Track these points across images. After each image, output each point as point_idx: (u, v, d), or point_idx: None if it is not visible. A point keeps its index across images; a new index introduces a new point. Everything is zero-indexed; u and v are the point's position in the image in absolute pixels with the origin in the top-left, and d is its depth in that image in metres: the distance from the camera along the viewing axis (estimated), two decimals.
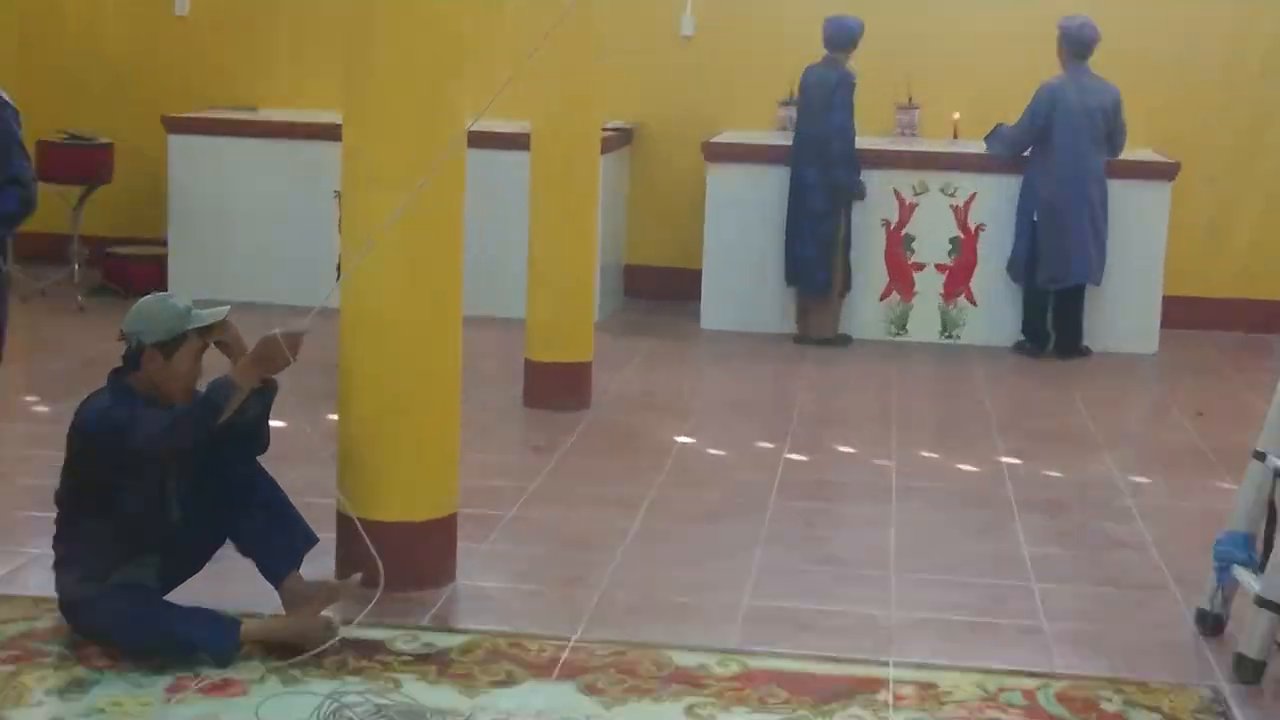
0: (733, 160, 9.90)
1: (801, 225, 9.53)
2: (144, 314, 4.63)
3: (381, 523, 5.09)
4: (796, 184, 9.57)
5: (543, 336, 7.74)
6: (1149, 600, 5.48)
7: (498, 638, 4.87)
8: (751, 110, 10.64)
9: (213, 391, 4.49)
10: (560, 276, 7.67)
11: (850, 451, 7.28)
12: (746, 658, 4.79)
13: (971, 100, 10.35)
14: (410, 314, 5.09)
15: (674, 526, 6.06)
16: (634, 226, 10.78)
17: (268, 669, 4.54)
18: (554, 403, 7.68)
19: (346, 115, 5.15)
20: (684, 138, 10.51)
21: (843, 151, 9.43)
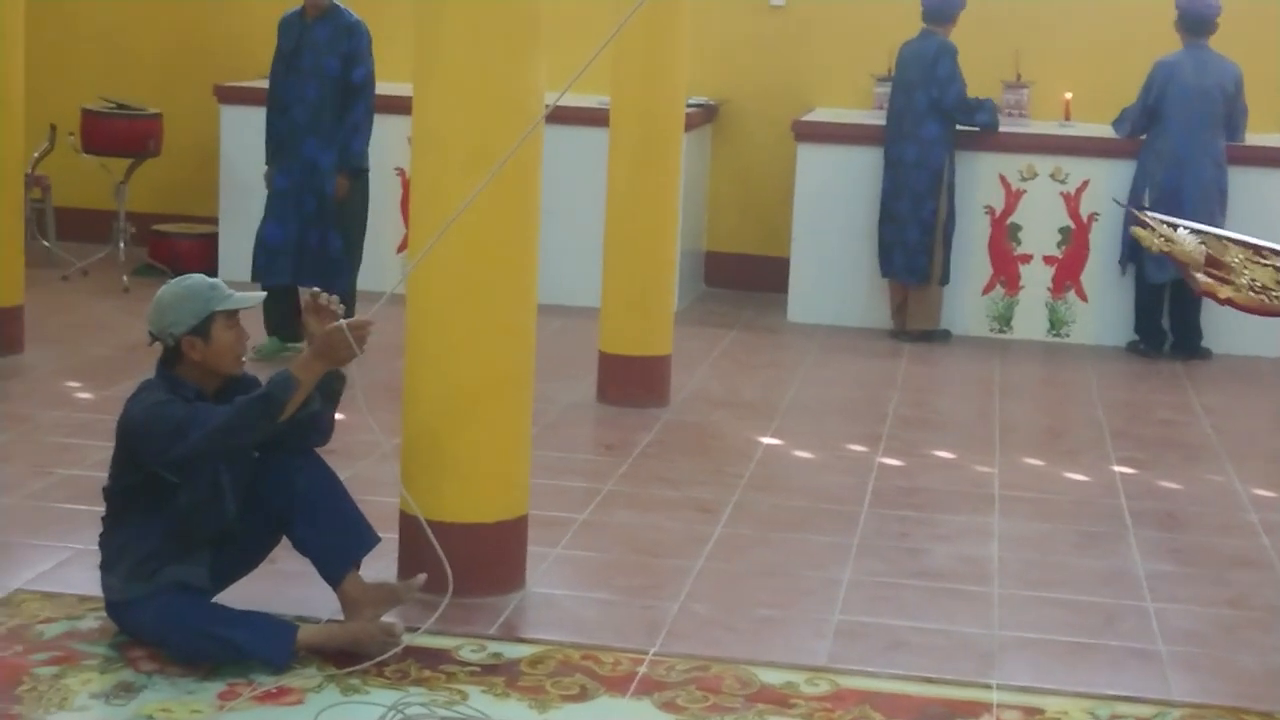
0: (825, 140, 9.91)
1: (899, 208, 9.55)
2: (166, 306, 4.70)
3: (447, 524, 5.14)
4: (892, 163, 9.59)
5: (618, 328, 7.77)
6: (1274, 624, 5.46)
7: (570, 649, 4.91)
8: (846, 87, 10.65)
9: (274, 387, 4.55)
10: (638, 264, 7.71)
11: (949, 457, 7.27)
12: (837, 676, 4.80)
13: (1085, 79, 10.31)
14: (481, 302, 5.13)
15: (758, 534, 6.08)
16: (716, 210, 10.81)
17: (325, 677, 4.60)
18: (629, 399, 7.72)
19: (416, 88, 5.20)
20: (772, 116, 10.54)
21: (963, 111, 9.45)
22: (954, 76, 9.40)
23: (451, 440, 5.17)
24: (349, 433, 6.04)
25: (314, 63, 8.16)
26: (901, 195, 9.55)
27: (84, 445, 6.61)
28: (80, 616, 4.95)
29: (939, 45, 9.43)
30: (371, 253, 10.06)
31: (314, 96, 8.15)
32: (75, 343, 8.51)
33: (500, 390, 5.22)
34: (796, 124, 10.03)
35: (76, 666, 4.61)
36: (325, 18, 8.21)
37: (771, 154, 10.53)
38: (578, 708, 4.53)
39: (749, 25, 10.70)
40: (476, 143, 5.04)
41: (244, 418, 4.54)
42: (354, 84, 8.21)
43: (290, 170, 8.21)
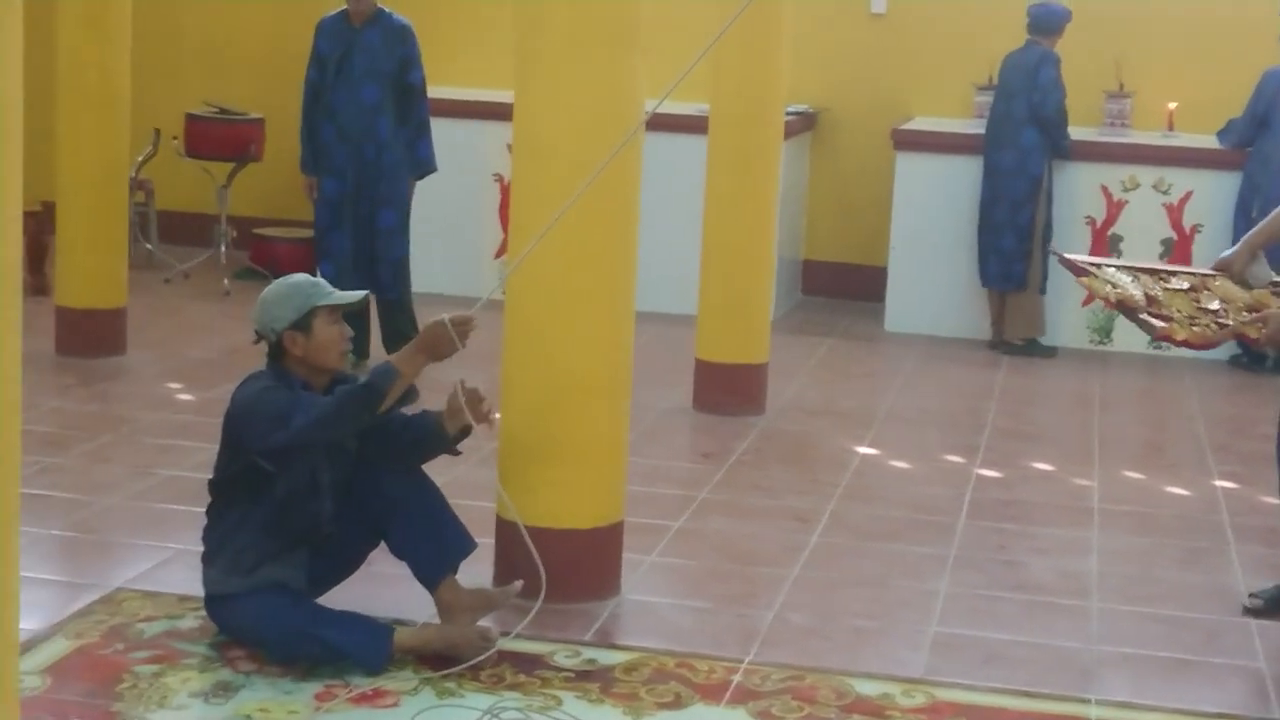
0: (925, 149, 9.88)
1: (996, 215, 9.50)
2: (270, 303, 4.78)
3: (544, 529, 5.16)
4: (991, 171, 9.54)
5: (714, 335, 7.77)
6: None
7: (664, 656, 4.91)
8: (946, 96, 10.60)
9: (376, 376, 4.60)
10: (735, 271, 7.70)
11: (1048, 469, 7.21)
12: (933, 688, 4.78)
13: (1190, 88, 10.20)
14: (580, 308, 5.14)
15: (853, 543, 6.06)
16: (813, 219, 10.79)
17: (420, 680, 4.62)
18: (725, 407, 7.71)
19: (517, 95, 5.22)
20: (871, 124, 10.50)
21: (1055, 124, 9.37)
22: (1056, 85, 9.34)
23: (549, 445, 5.19)
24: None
25: (369, 67, 7.98)
26: (999, 202, 9.50)
27: (185, 446, 6.68)
28: (180, 616, 5.00)
29: (1042, 54, 9.38)
30: (469, 258, 10.18)
31: (372, 101, 7.98)
32: (176, 345, 8.61)
33: (598, 396, 5.23)
34: (896, 132, 9.99)
35: (176, 665, 4.66)
36: (374, 22, 8.04)
37: (870, 162, 10.49)
38: (672, 715, 4.53)
39: (849, 33, 10.67)
40: (577, 150, 5.06)
41: (346, 407, 4.60)
42: (414, 86, 8.11)
43: (343, 176, 8.03)
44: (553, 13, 5.08)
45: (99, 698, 4.44)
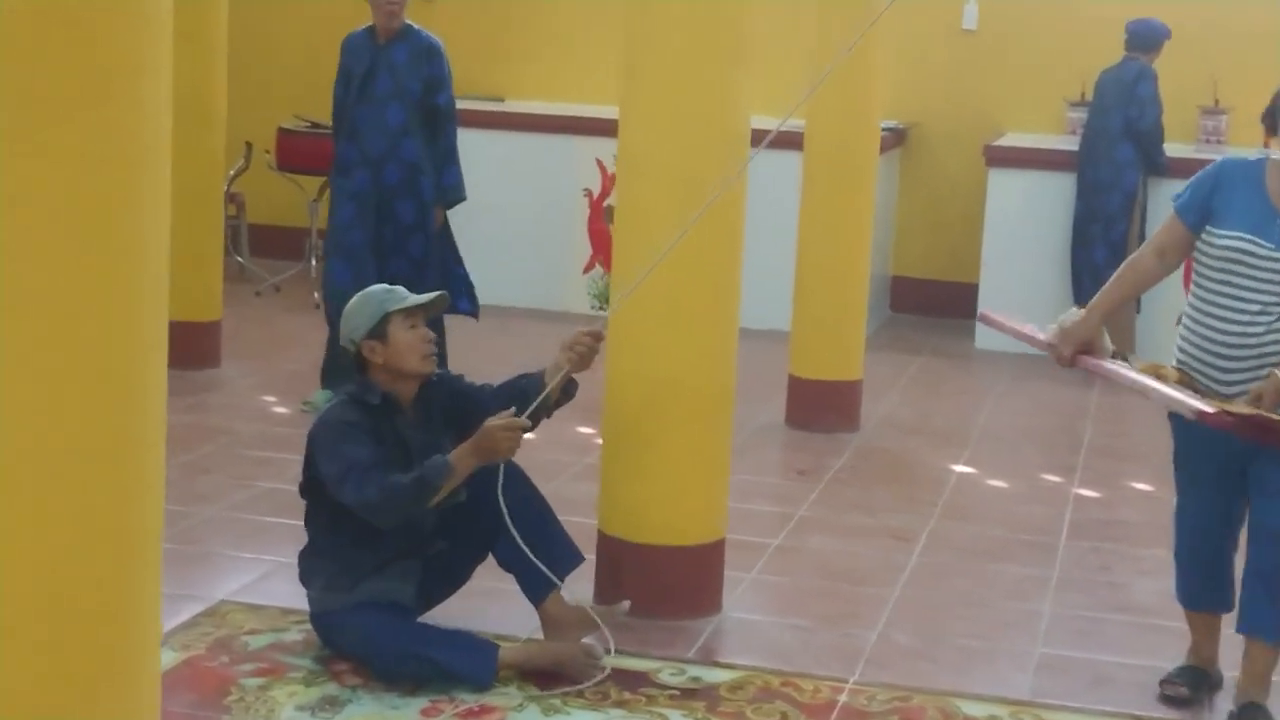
0: (1018, 165, 9.81)
1: (1090, 231, 9.42)
2: (348, 315, 4.80)
3: (647, 545, 5.15)
4: (1086, 186, 9.47)
5: (809, 352, 7.75)
6: None
7: (769, 675, 4.88)
8: (1038, 112, 10.52)
9: (429, 472, 4.56)
10: (830, 288, 7.67)
11: (1147, 489, 7.13)
12: (1041, 710, 4.73)
13: None
14: (685, 322, 5.13)
15: (955, 563, 6.01)
16: (902, 235, 10.74)
17: (526, 697, 4.61)
18: (819, 423, 7.68)
19: (622, 111, 5.22)
20: (962, 140, 10.45)
21: (1152, 139, 9.30)
22: (1154, 100, 9.27)
23: (652, 461, 5.18)
24: (538, 450, 6.07)
25: (394, 87, 7.44)
26: (1094, 218, 9.44)
27: (283, 459, 6.70)
28: (285, 629, 5.02)
29: (1140, 69, 9.32)
30: (557, 273, 10.19)
31: (396, 123, 7.42)
32: (269, 357, 8.66)
33: (701, 412, 5.22)
34: (988, 148, 9.94)
35: (282, 679, 4.68)
36: (401, 39, 7.52)
37: (961, 178, 10.44)
38: None
39: (940, 48, 10.62)
40: (681, 166, 5.06)
41: (394, 499, 4.55)
42: (441, 108, 7.55)
43: (364, 201, 7.42)
44: (662, 27, 5.08)
45: (207, 709, 4.46)
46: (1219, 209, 4.55)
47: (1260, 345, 4.45)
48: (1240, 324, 4.47)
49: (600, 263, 10.22)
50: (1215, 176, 4.64)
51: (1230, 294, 4.49)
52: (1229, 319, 4.49)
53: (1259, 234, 4.45)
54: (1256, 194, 4.53)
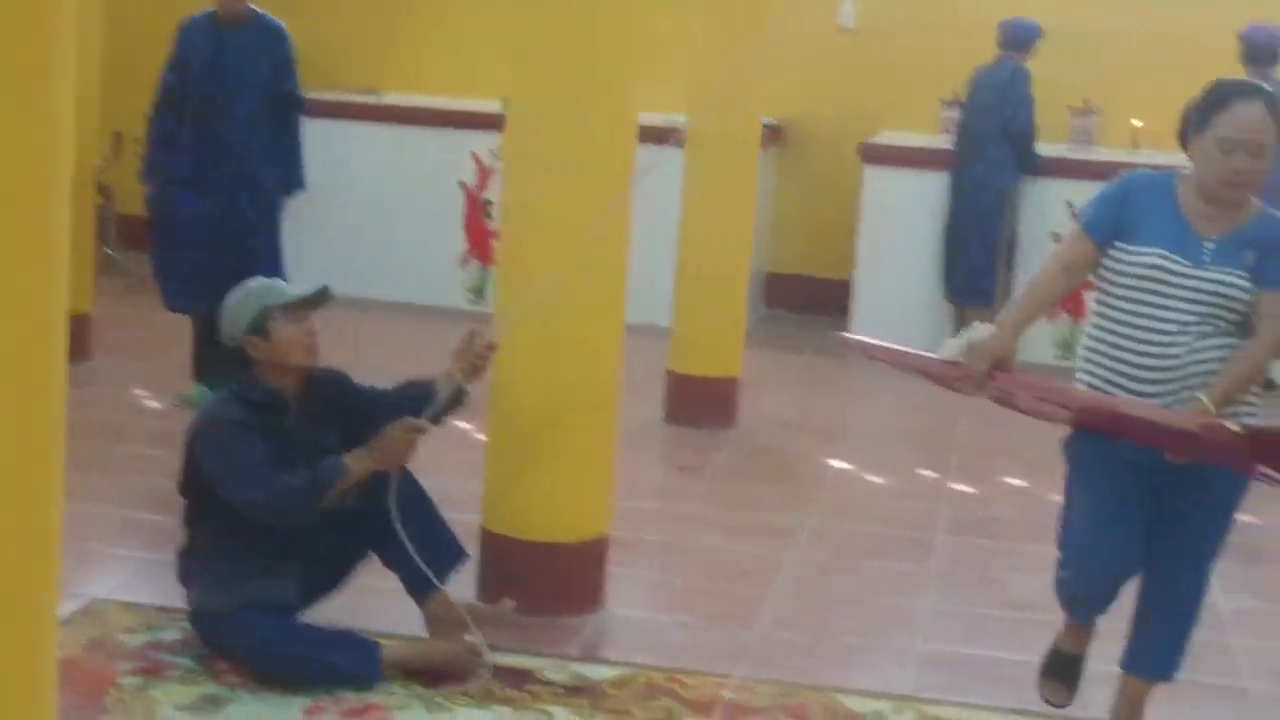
0: (893, 163, 9.89)
1: (963, 230, 9.52)
2: (228, 311, 4.74)
3: (531, 542, 5.13)
4: (960, 185, 9.57)
5: (688, 348, 7.75)
6: None
7: (653, 672, 4.86)
8: (914, 110, 10.61)
9: (324, 473, 4.51)
10: (711, 284, 7.68)
11: (1022, 485, 7.22)
12: (924, 705, 4.76)
13: (1155, 107, 10.21)
14: (571, 320, 5.09)
15: (836, 559, 6.04)
16: (778, 232, 10.77)
17: (410, 695, 4.56)
18: (698, 420, 7.68)
19: (513, 105, 5.19)
20: (838, 137, 10.51)
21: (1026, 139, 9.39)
22: (1027, 100, 9.39)
23: (537, 458, 5.15)
24: (423, 445, 6.00)
25: (243, 75, 7.22)
26: (968, 218, 9.54)
27: (155, 454, 6.57)
28: (162, 627, 4.93)
29: (1013, 69, 9.43)
30: (433, 267, 10.12)
31: (245, 111, 7.22)
32: (142, 351, 8.52)
33: (588, 409, 5.20)
34: (863, 146, 10.00)
35: (161, 678, 4.59)
36: (248, 24, 7.27)
37: (837, 176, 10.49)
38: None
39: (817, 47, 10.66)
40: (571, 161, 5.02)
41: (286, 501, 4.49)
42: (289, 94, 7.38)
43: (215, 194, 7.23)
44: (552, 21, 5.04)
45: (86, 709, 4.36)
46: (1130, 225, 4.26)
47: (1181, 368, 4.18)
48: (1159, 345, 4.20)
49: (476, 257, 10.17)
50: (1123, 191, 4.34)
51: (1146, 314, 4.22)
52: (1147, 340, 4.21)
53: (1176, 251, 4.18)
54: (1170, 210, 4.24)
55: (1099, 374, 4.32)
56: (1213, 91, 4.28)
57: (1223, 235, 4.20)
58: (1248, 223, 4.23)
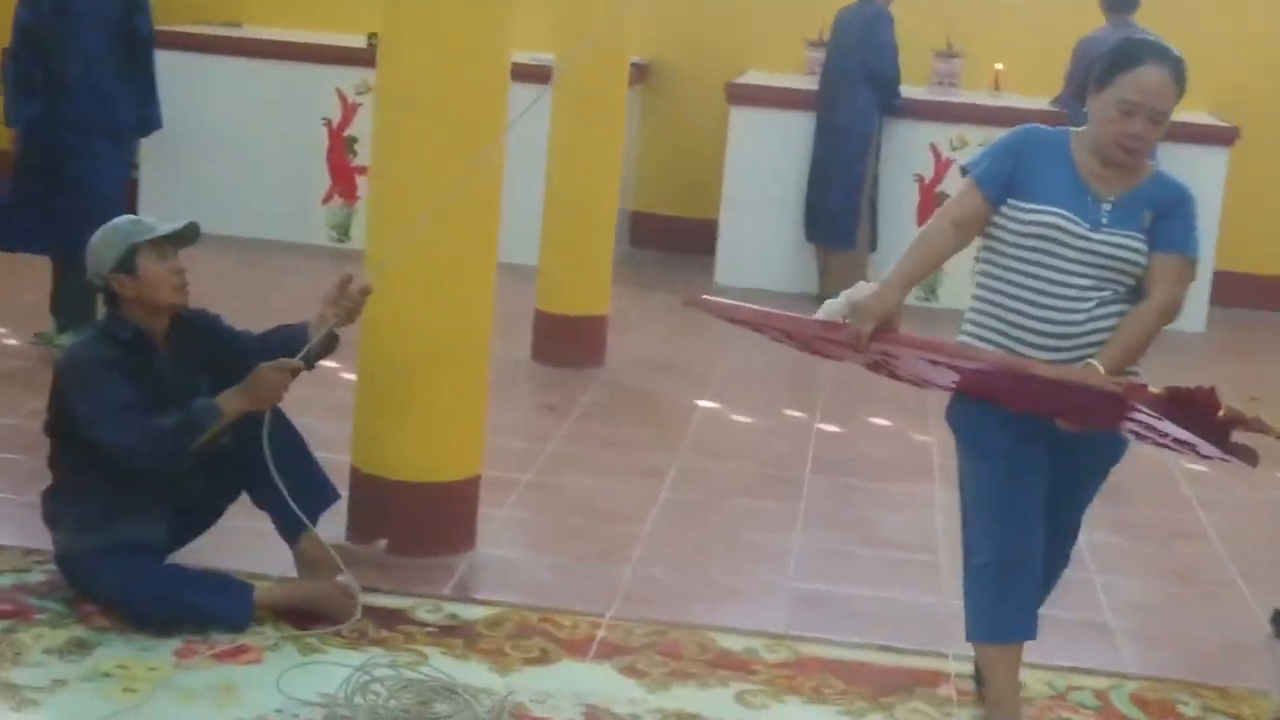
0: (758, 104, 9.88)
1: (827, 172, 9.55)
2: (93, 249, 4.63)
3: (403, 482, 5.10)
4: (823, 127, 9.59)
5: (556, 287, 7.72)
6: (1217, 596, 5.52)
7: (526, 611, 4.86)
8: (779, 51, 10.63)
9: (196, 414, 4.45)
10: (578, 223, 7.66)
11: (886, 425, 7.28)
12: (797, 643, 4.79)
13: (1016, 51, 10.35)
14: (443, 259, 5.05)
15: (706, 498, 6.06)
16: (642, 171, 10.75)
17: (283, 637, 4.53)
18: (565, 359, 7.67)
19: (383, 43, 5.12)
20: (704, 77, 10.50)
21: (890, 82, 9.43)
22: (890, 43, 9.41)
23: (409, 399, 5.11)
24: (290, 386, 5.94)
25: (91, 11, 6.99)
26: (832, 160, 9.56)
27: (15, 394, 6.46)
28: (27, 569, 4.84)
29: (877, 11, 9.44)
30: (296, 204, 10.00)
31: (92, 49, 7.00)
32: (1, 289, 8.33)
33: (459, 348, 5.17)
34: (729, 86, 9.99)
35: (29, 622, 4.51)
36: None
37: (703, 116, 10.49)
38: (539, 671, 4.48)
39: None
40: (443, 99, 4.97)
41: (158, 443, 4.42)
42: (141, 33, 7.14)
43: (54, 131, 7.02)
44: None
45: None
46: (1025, 180, 4.03)
47: (1082, 335, 3.99)
48: (1060, 310, 3.99)
49: (340, 194, 10.06)
50: (1020, 145, 4.10)
51: (1044, 276, 4.00)
52: (1046, 305, 4.00)
53: (1074, 211, 3.99)
54: (1065, 168, 4.04)
55: (991, 338, 4.08)
56: (1122, 49, 4.06)
57: (1119, 196, 4.04)
58: (1144, 183, 4.08)
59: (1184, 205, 4.08)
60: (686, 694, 4.42)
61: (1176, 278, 4.06)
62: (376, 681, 4.25)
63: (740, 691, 4.45)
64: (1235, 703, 4.66)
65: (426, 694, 4.23)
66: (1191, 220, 4.07)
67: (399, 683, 4.27)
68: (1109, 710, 4.53)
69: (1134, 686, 4.69)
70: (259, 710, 4.11)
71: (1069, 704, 4.56)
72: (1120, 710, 4.54)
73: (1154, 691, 4.67)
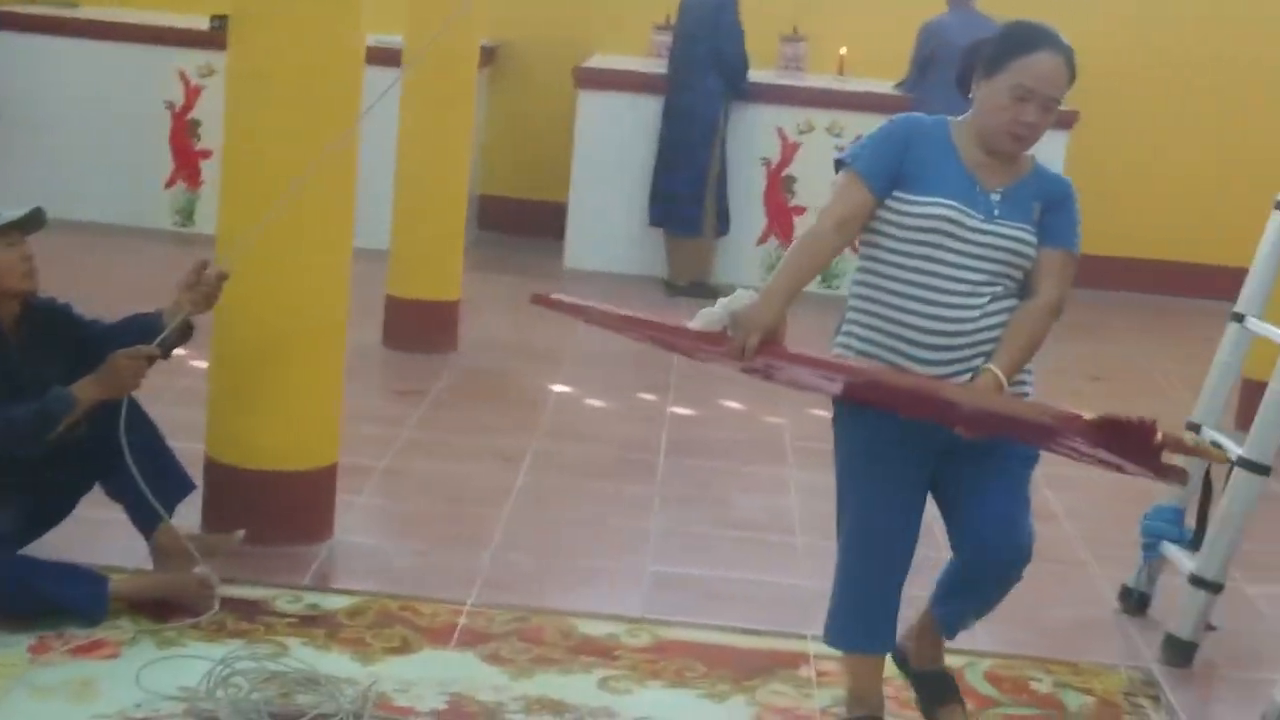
0: (606, 87, 9.88)
1: (674, 157, 9.55)
2: None
3: (259, 471, 5.04)
4: (671, 110, 9.59)
5: (407, 272, 7.67)
6: (1067, 575, 5.61)
7: (387, 599, 4.82)
8: (626, 34, 10.64)
9: (51, 404, 4.36)
10: (429, 207, 7.61)
11: (738, 408, 7.33)
12: (657, 628, 4.81)
13: (860, 35, 10.44)
14: (297, 245, 4.98)
15: (562, 482, 6.06)
16: (490, 154, 10.70)
17: (140, 630, 4.45)
18: (418, 344, 7.62)
19: (234, 25, 5.03)
20: (552, 60, 10.48)
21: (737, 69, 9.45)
22: (736, 29, 9.43)
23: (264, 387, 5.05)
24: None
25: None
26: (678, 145, 9.56)
27: None
28: None
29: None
30: (138, 188, 9.83)
31: None
32: None
33: (314, 334, 5.12)
34: (578, 70, 9.98)
35: None
36: None
37: (550, 99, 10.47)
38: (402, 660, 4.45)
39: None
40: (296, 81, 4.91)
41: (12, 432, 4.33)
42: None
43: None
44: None
45: None
46: (911, 173, 3.83)
47: (975, 331, 3.81)
48: (949, 306, 3.80)
49: (183, 179, 9.91)
50: (904, 134, 3.90)
51: (931, 271, 3.81)
52: (934, 301, 3.80)
53: (964, 202, 3.82)
54: (951, 158, 3.88)
55: (875, 340, 3.87)
56: (1014, 34, 3.90)
57: (1007, 187, 3.88)
58: (1028, 175, 3.93)
59: (1071, 200, 3.96)
60: (549, 680, 4.41)
61: (1063, 274, 3.91)
62: (238, 674, 4.19)
63: (603, 677, 4.45)
64: (1086, 677, 4.75)
65: (289, 685, 4.18)
66: (1077, 216, 3.96)
67: (261, 675, 4.22)
68: (965, 688, 4.57)
69: (988, 664, 4.77)
70: (119, 705, 4.04)
71: None
72: (975, 688, 4.61)
73: (1008, 668, 4.75)
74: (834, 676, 4.58)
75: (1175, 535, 5.15)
